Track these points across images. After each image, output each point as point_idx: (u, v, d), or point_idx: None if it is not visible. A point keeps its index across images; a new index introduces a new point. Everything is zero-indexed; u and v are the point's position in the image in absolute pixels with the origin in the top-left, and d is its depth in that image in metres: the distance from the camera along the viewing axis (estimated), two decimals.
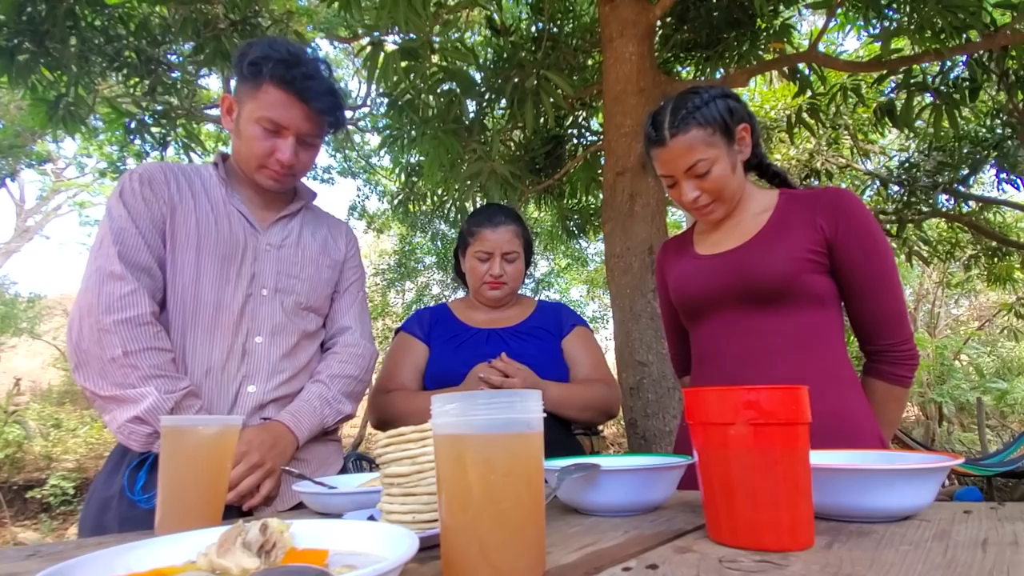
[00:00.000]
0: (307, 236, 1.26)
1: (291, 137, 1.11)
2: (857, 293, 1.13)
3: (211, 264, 1.11)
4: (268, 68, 1.07)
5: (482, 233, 1.55)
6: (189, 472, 0.74)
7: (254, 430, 1.06)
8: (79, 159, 11.50)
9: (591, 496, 0.73)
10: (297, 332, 1.19)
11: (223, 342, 1.10)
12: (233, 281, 1.13)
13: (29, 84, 3.80)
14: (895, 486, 0.61)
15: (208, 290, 1.11)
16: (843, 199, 1.14)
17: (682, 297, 1.26)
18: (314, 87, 1.10)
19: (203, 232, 1.12)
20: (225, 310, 1.11)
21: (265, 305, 1.16)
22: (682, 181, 1.16)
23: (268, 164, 1.13)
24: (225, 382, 1.10)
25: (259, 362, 1.13)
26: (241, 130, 1.13)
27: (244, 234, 1.17)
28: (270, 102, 1.08)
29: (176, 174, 1.16)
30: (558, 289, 12.18)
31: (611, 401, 1.51)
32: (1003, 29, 3.28)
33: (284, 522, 0.52)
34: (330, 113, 1.14)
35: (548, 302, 1.71)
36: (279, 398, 1.15)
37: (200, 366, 1.09)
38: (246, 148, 1.13)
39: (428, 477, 0.64)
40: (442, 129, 3.98)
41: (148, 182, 1.10)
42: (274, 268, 1.18)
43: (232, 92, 1.16)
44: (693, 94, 1.17)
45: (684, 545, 0.56)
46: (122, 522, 0.98)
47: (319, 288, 1.25)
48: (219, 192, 1.18)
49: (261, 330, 1.14)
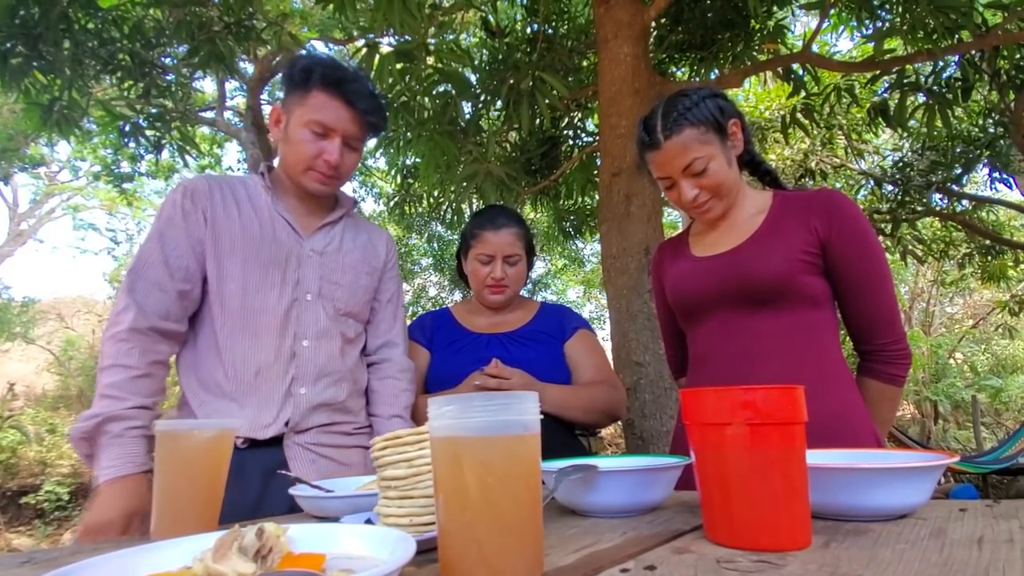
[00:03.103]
0: (348, 243, 1.30)
1: (338, 139, 1.16)
2: (851, 293, 1.13)
3: (256, 269, 1.15)
4: (317, 75, 1.14)
5: (484, 235, 1.53)
6: (185, 476, 0.74)
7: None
8: (73, 162, 11.45)
9: (589, 497, 0.73)
10: (339, 337, 1.23)
11: (270, 344, 1.14)
12: (279, 286, 1.17)
13: (23, 88, 3.78)
14: (891, 485, 0.61)
15: (254, 295, 1.14)
16: (836, 201, 1.14)
17: (678, 298, 1.27)
18: (359, 90, 1.17)
19: (248, 239, 1.16)
20: (270, 313, 1.15)
21: (309, 310, 1.19)
22: (680, 181, 1.16)
23: (316, 166, 1.17)
24: (275, 382, 1.14)
25: (307, 365, 1.17)
26: (290, 136, 1.17)
27: (289, 240, 1.21)
28: (319, 105, 1.14)
29: (220, 184, 1.21)
30: (555, 290, 12.19)
31: (615, 402, 1.50)
32: (994, 29, 3.31)
33: (280, 526, 0.52)
34: (374, 115, 1.20)
35: (550, 304, 1.70)
36: (328, 402, 1.19)
37: (250, 368, 1.12)
38: (294, 153, 1.17)
39: (425, 480, 0.64)
40: (438, 131, 3.98)
41: (190, 195, 1.15)
42: (317, 274, 1.22)
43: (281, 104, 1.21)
44: (683, 96, 1.17)
45: (682, 546, 0.56)
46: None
47: (358, 294, 1.28)
48: (264, 199, 1.22)
49: (307, 334, 1.18)
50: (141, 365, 1.04)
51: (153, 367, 1.06)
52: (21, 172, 8.98)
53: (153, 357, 1.06)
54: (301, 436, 1.16)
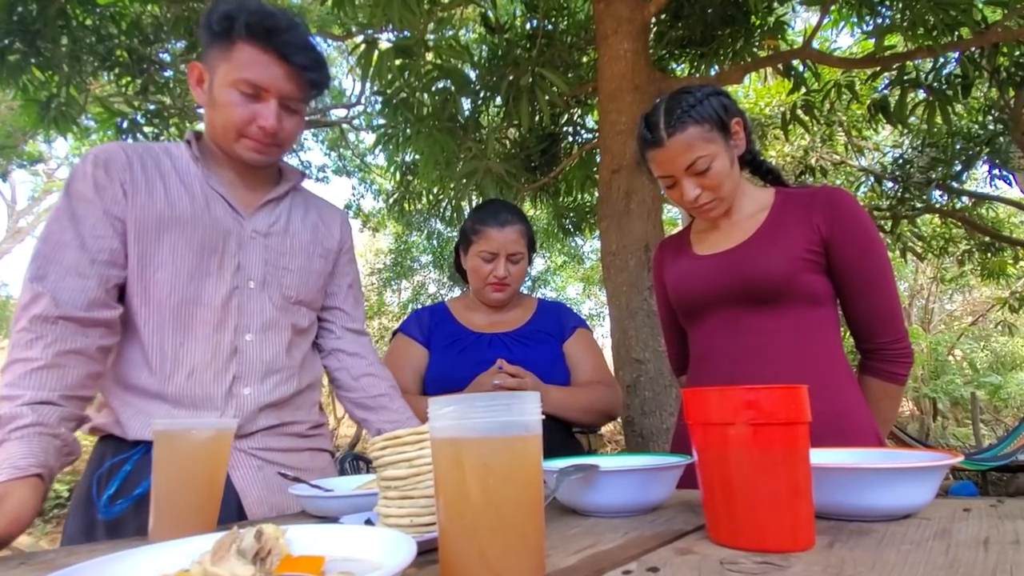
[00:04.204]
0: (296, 222, 1.15)
1: (273, 100, 0.99)
2: (853, 292, 1.13)
3: (188, 254, 1.00)
4: (240, 23, 0.96)
5: (487, 232, 1.49)
6: (182, 477, 0.73)
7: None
8: (71, 159, 11.41)
9: (590, 497, 0.73)
10: (288, 329, 1.10)
11: (206, 340, 1.00)
12: (215, 273, 1.02)
13: (20, 84, 3.77)
14: (895, 485, 0.61)
15: (186, 284, 0.99)
16: (838, 198, 1.14)
17: (680, 297, 1.26)
18: (293, 42, 0.99)
19: (176, 218, 1.00)
20: (205, 305, 1.01)
21: (253, 299, 1.05)
22: (682, 180, 1.15)
23: (249, 133, 1.01)
24: (212, 384, 1.00)
25: (251, 361, 1.04)
26: (216, 98, 1.00)
27: (226, 219, 1.05)
28: (246, 61, 0.97)
29: (140, 153, 1.03)
30: (554, 287, 12.19)
31: (612, 403, 1.50)
32: (994, 26, 3.30)
33: (279, 528, 0.51)
34: (313, 70, 1.01)
35: (548, 302, 1.68)
36: (277, 402, 1.06)
37: (182, 368, 0.99)
38: (222, 118, 1.00)
39: (425, 480, 0.63)
40: (437, 127, 3.97)
41: (103, 165, 0.97)
42: (261, 258, 1.07)
43: (201, 60, 1.02)
44: (686, 93, 1.16)
45: (685, 546, 0.56)
46: (109, 530, 0.94)
47: (311, 280, 1.14)
48: (194, 172, 1.05)
49: (251, 327, 1.05)
50: (44, 356, 0.87)
51: (63, 357, 0.88)
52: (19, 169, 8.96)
53: (63, 347, 0.89)
54: (244, 441, 1.03)
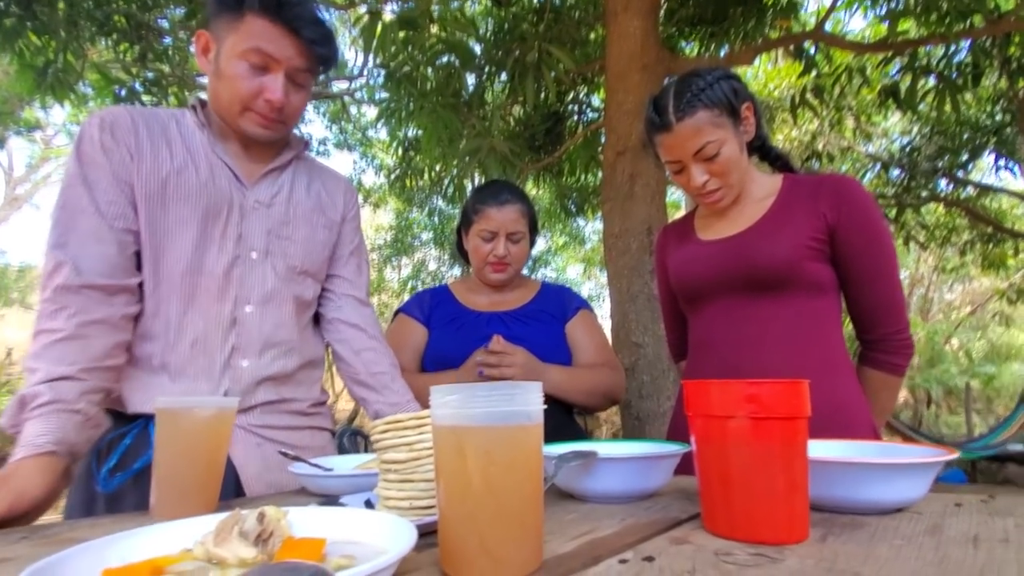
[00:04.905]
0: (300, 192, 1.14)
1: (280, 73, 0.99)
2: (856, 281, 1.13)
3: (191, 221, 0.99)
4: None
5: (487, 211, 1.50)
6: (184, 455, 0.74)
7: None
8: (68, 127, 11.29)
9: (588, 483, 0.74)
10: (291, 300, 1.09)
11: (208, 310, 1.00)
12: (217, 242, 1.01)
13: (16, 50, 3.70)
14: (889, 480, 0.61)
15: (188, 251, 0.99)
16: (846, 186, 1.13)
17: (682, 283, 1.26)
18: (303, 15, 0.98)
19: (182, 186, 0.99)
20: (208, 274, 1.00)
21: (255, 270, 1.05)
22: (690, 165, 1.14)
23: (255, 107, 1.00)
24: (211, 355, 1.00)
25: (250, 333, 1.03)
26: (222, 70, 0.99)
27: (230, 189, 1.04)
28: (256, 32, 0.96)
29: (146, 118, 1.01)
30: (555, 267, 12.18)
31: (615, 385, 1.50)
32: (1007, 16, 3.25)
33: (281, 510, 0.52)
34: (322, 45, 1.01)
35: (552, 284, 1.68)
36: (276, 375, 1.06)
37: (185, 337, 0.99)
38: (228, 90, 0.99)
39: (425, 464, 0.64)
40: (441, 103, 3.92)
41: (109, 128, 0.97)
42: (263, 227, 1.06)
43: (208, 28, 1.01)
44: (696, 76, 1.14)
45: (680, 536, 0.56)
46: (108, 503, 0.94)
47: (315, 250, 1.13)
48: (199, 140, 1.04)
49: (251, 298, 1.04)
50: (67, 327, 0.86)
51: (86, 328, 0.88)
52: (16, 136, 8.86)
53: (86, 317, 0.88)
54: (243, 417, 1.02)
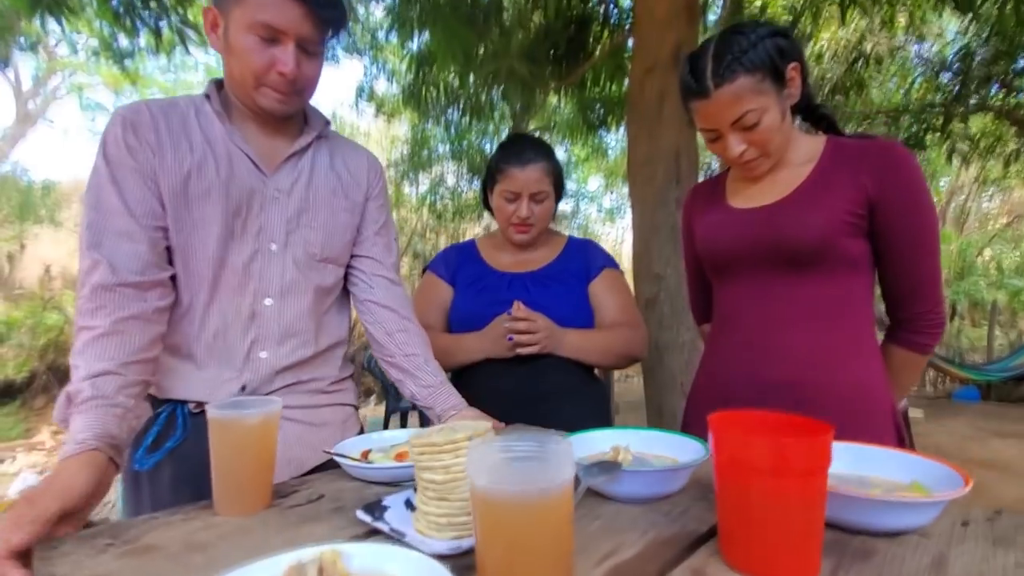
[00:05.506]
0: (320, 175, 1.12)
1: (291, 44, 0.97)
2: (894, 259, 1.09)
3: (215, 218, 1.00)
4: None
5: (510, 171, 1.48)
6: (237, 459, 0.80)
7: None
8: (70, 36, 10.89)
9: (613, 488, 0.79)
10: (311, 289, 1.10)
11: (229, 304, 1.03)
12: (238, 235, 1.02)
13: None
14: (898, 512, 0.65)
15: (212, 246, 1.00)
16: (892, 155, 1.07)
17: (709, 250, 1.24)
18: None
19: (203, 180, 0.99)
20: (229, 268, 1.02)
21: (274, 263, 1.06)
22: (727, 134, 1.08)
23: (268, 81, 0.99)
24: (232, 346, 1.04)
25: (269, 325, 1.06)
26: (232, 45, 0.97)
27: (250, 179, 1.03)
28: (261, 2, 0.94)
29: (166, 112, 1.01)
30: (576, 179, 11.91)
31: (634, 344, 1.53)
32: None
33: (334, 550, 0.57)
34: (330, 8, 0.99)
35: (577, 239, 1.68)
36: (294, 364, 1.08)
37: (209, 328, 1.02)
38: (240, 65, 0.98)
39: (462, 485, 0.68)
40: (454, 18, 3.67)
41: (132, 127, 0.97)
42: (283, 218, 1.06)
43: (215, 3, 0.99)
44: (738, 34, 1.06)
45: (699, 567, 0.61)
46: (150, 478, 1.01)
47: (336, 235, 1.12)
48: (218, 129, 1.03)
49: (270, 291, 1.06)
50: (105, 324, 0.88)
51: (123, 324, 0.90)
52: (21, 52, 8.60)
53: (123, 313, 0.90)
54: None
